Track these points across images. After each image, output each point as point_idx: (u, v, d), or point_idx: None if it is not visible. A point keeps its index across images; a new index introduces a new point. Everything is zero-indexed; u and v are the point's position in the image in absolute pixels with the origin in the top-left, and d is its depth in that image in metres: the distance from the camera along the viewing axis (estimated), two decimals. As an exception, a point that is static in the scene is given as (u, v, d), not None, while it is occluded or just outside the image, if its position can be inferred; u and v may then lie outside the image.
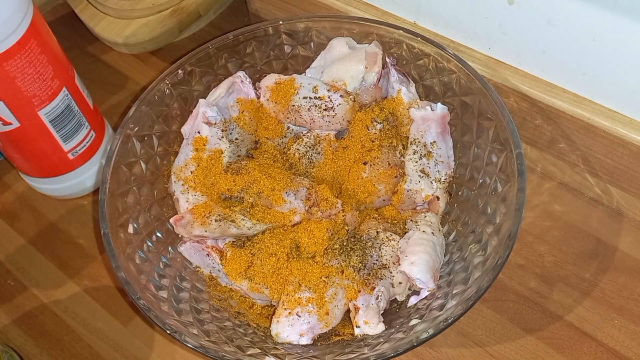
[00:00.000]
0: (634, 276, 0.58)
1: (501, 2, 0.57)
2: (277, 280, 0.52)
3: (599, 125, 0.57)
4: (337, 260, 0.52)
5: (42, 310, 0.61)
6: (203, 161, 0.58)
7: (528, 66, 0.60)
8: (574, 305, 0.57)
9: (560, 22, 0.55)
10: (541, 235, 0.61)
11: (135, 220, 0.55)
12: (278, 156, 0.61)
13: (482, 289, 0.47)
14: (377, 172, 0.56)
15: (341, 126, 0.61)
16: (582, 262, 0.59)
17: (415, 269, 0.52)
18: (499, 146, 0.54)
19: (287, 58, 0.66)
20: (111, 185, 0.54)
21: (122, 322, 0.60)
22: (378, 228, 0.55)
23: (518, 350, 0.55)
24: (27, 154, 0.61)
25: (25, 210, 0.68)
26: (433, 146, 0.58)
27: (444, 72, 0.59)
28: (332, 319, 0.51)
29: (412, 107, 0.59)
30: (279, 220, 0.54)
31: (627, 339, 0.55)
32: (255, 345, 0.50)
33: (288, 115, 0.61)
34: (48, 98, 0.57)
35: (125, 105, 0.75)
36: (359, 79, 0.61)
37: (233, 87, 0.62)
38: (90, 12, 0.78)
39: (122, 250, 0.52)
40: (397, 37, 0.61)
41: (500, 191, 0.53)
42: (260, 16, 0.78)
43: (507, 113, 0.53)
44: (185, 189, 0.57)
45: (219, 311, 0.54)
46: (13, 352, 0.57)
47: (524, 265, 0.60)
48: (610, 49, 0.54)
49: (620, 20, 0.51)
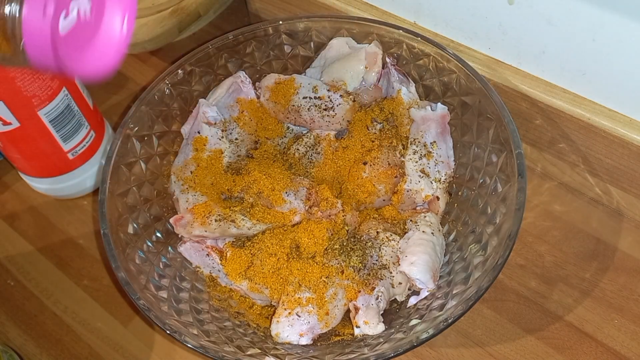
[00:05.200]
0: (634, 276, 0.58)
1: (501, 2, 0.57)
2: (277, 281, 0.52)
3: (599, 125, 0.57)
4: (337, 261, 0.52)
5: (42, 310, 0.61)
6: (203, 161, 0.58)
7: (528, 66, 0.60)
8: (574, 305, 0.57)
9: (560, 22, 0.55)
10: (541, 235, 0.61)
11: (135, 220, 0.55)
12: (278, 156, 0.61)
13: (482, 289, 0.47)
14: (377, 172, 0.56)
15: (341, 126, 0.61)
16: (582, 262, 0.59)
17: (415, 269, 0.52)
18: (499, 146, 0.54)
19: (287, 58, 0.66)
20: (111, 185, 0.54)
21: (122, 322, 0.60)
22: (378, 228, 0.55)
23: (518, 350, 0.55)
24: (27, 154, 0.61)
25: (25, 210, 0.68)
26: (433, 146, 0.58)
27: (444, 72, 0.59)
28: (332, 319, 0.51)
29: (412, 107, 0.59)
30: (279, 220, 0.54)
31: (627, 339, 0.55)
32: (255, 345, 0.50)
33: (288, 115, 0.61)
34: (48, 98, 0.57)
35: (125, 105, 0.75)
36: (359, 79, 0.61)
37: (233, 87, 0.62)
38: (90, 12, 0.77)
39: (122, 250, 0.52)
40: (397, 37, 0.61)
41: (500, 191, 0.53)
42: (260, 16, 0.78)
43: (507, 113, 0.53)
44: (185, 189, 0.57)
45: (219, 311, 0.54)
46: (13, 352, 0.57)
47: (524, 265, 0.59)
48: (610, 49, 0.54)
49: (620, 20, 0.51)
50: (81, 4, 0.35)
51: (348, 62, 0.61)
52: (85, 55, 0.36)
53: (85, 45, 0.36)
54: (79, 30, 0.36)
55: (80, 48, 0.36)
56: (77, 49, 0.36)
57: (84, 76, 0.37)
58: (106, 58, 0.36)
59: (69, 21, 0.35)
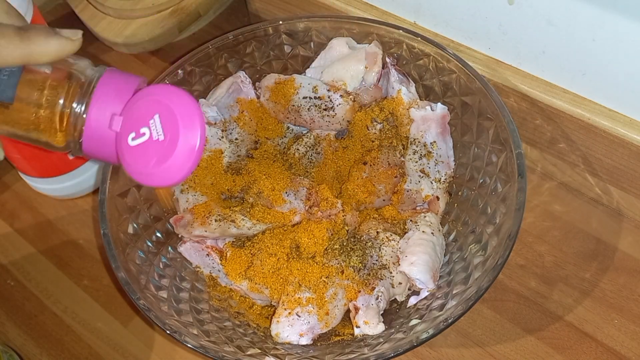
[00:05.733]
0: (634, 276, 0.58)
1: (501, 2, 0.57)
2: (277, 281, 0.52)
3: (599, 125, 0.57)
4: (337, 261, 0.52)
5: (42, 310, 0.61)
6: (203, 161, 0.58)
7: (528, 66, 0.60)
8: (574, 305, 0.57)
9: (560, 22, 0.55)
10: (541, 235, 0.61)
11: (135, 220, 0.55)
12: (278, 156, 0.61)
13: (482, 289, 0.47)
14: (377, 172, 0.56)
15: (341, 126, 0.61)
16: (582, 262, 0.59)
17: (415, 269, 0.52)
18: (499, 146, 0.54)
19: (287, 58, 0.66)
20: (111, 185, 0.54)
21: (122, 322, 0.60)
22: (378, 228, 0.55)
23: (518, 350, 0.55)
24: (27, 154, 0.61)
25: (25, 210, 0.68)
26: (433, 146, 0.58)
27: (444, 72, 0.59)
28: (332, 319, 0.51)
29: (412, 107, 0.59)
30: (279, 220, 0.54)
31: (627, 339, 0.55)
32: (255, 345, 0.50)
33: (288, 115, 0.61)
34: None
35: (125, 105, 0.75)
36: (359, 79, 0.61)
37: (233, 87, 0.62)
38: (90, 12, 0.77)
39: (122, 250, 0.52)
40: (397, 37, 0.61)
41: (500, 191, 0.53)
42: (260, 16, 0.78)
43: (507, 113, 0.53)
44: (185, 188, 0.57)
45: (219, 311, 0.54)
46: (13, 352, 0.57)
47: (524, 265, 0.59)
48: (610, 49, 0.54)
49: (620, 20, 0.51)
50: (154, 129, 0.37)
51: (348, 62, 0.61)
52: (150, 168, 0.37)
53: (153, 160, 0.37)
54: (148, 146, 0.37)
55: (146, 162, 0.37)
56: (143, 162, 0.37)
57: (144, 184, 0.38)
58: (172, 173, 0.37)
59: (137, 141, 0.37)
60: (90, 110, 0.37)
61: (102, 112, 0.37)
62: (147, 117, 0.37)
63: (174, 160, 0.37)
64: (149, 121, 0.36)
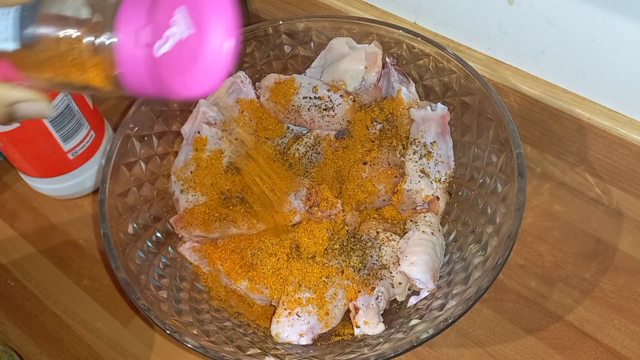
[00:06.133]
0: (634, 276, 0.58)
1: (501, 2, 0.57)
2: (277, 280, 0.52)
3: (599, 125, 0.57)
4: (337, 261, 0.52)
5: (42, 310, 0.61)
6: (203, 161, 0.58)
7: (528, 66, 0.60)
8: (574, 305, 0.57)
9: (560, 22, 0.55)
10: (541, 235, 0.61)
11: (135, 220, 0.55)
12: (278, 156, 0.61)
13: (482, 289, 0.47)
14: (377, 172, 0.56)
15: (341, 126, 0.61)
16: (582, 262, 0.59)
17: (415, 269, 0.52)
18: (499, 146, 0.54)
19: (287, 58, 0.66)
20: (111, 185, 0.54)
21: (122, 322, 0.60)
22: (378, 228, 0.55)
23: (518, 350, 0.55)
24: (27, 154, 0.61)
25: (25, 210, 0.68)
26: (433, 146, 0.58)
27: (444, 72, 0.59)
28: (332, 319, 0.51)
29: (412, 107, 0.59)
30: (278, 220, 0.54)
31: (627, 339, 0.55)
32: (255, 345, 0.50)
33: (288, 115, 0.61)
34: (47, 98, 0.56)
35: (125, 105, 0.75)
36: (359, 79, 0.61)
37: (233, 87, 0.62)
38: None
39: (122, 250, 0.52)
40: (397, 37, 0.61)
41: (500, 191, 0.53)
42: (260, 16, 0.78)
43: (507, 113, 0.53)
44: (185, 188, 0.57)
45: (219, 311, 0.54)
46: (13, 352, 0.57)
47: (524, 265, 0.59)
48: (610, 49, 0.54)
49: (620, 20, 0.51)
50: (178, 29, 0.34)
51: (348, 62, 0.61)
52: (188, 76, 0.35)
53: (187, 66, 0.35)
54: (179, 52, 0.34)
55: (182, 70, 0.35)
56: (178, 71, 0.35)
57: (187, 97, 0.36)
58: (210, 76, 0.35)
59: (167, 46, 0.34)
60: (118, 34, 0.33)
61: (130, 31, 0.33)
62: (169, 16, 0.34)
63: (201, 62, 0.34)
64: (173, 20, 0.34)
